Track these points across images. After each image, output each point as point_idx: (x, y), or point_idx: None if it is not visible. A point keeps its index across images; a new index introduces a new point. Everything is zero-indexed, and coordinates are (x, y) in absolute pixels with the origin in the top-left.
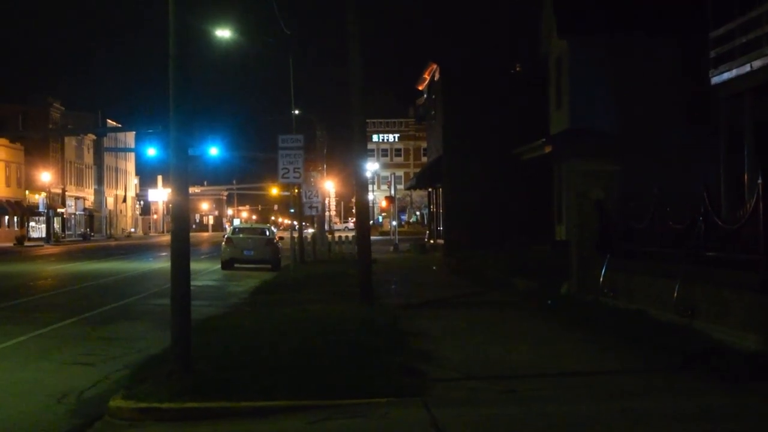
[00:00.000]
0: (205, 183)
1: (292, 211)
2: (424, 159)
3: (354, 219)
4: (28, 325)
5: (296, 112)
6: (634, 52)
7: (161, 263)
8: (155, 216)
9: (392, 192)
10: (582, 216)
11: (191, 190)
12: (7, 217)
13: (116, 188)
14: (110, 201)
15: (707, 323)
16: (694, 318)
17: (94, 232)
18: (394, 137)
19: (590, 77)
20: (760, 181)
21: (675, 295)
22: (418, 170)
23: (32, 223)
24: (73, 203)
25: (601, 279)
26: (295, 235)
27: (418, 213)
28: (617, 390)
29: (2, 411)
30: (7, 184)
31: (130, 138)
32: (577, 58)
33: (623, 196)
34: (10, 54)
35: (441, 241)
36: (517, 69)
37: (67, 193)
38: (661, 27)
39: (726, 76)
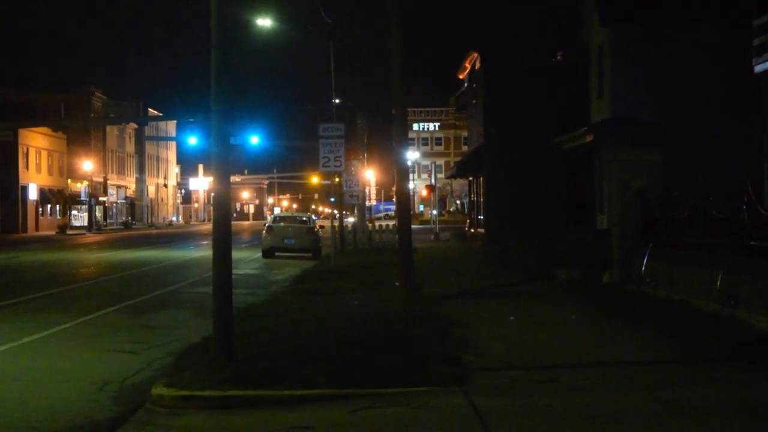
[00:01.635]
0: (246, 172)
1: (333, 199)
2: (465, 148)
3: (394, 207)
4: (71, 312)
5: (337, 100)
6: (676, 41)
7: (202, 252)
8: (196, 205)
9: (433, 181)
10: (624, 205)
11: (232, 178)
12: (49, 206)
13: (157, 177)
14: (151, 189)
15: (750, 313)
16: (737, 308)
17: (136, 220)
18: (435, 126)
19: (632, 66)
20: None
21: (718, 284)
22: (458, 159)
23: (74, 212)
24: (114, 192)
25: (643, 268)
26: (336, 223)
27: (458, 202)
28: (659, 380)
29: (46, 398)
30: (50, 173)
31: (171, 127)
32: (618, 47)
33: (665, 186)
34: (53, 44)
35: (481, 230)
36: (559, 57)
37: (108, 181)
38: (704, 15)
39: None
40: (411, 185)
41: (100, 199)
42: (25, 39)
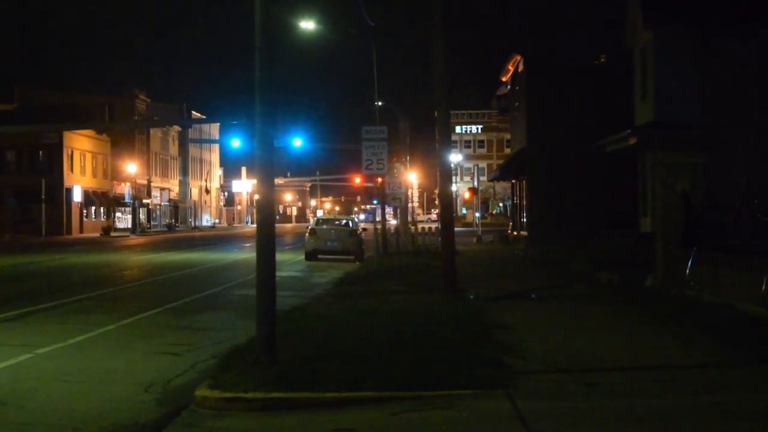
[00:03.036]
0: (289, 174)
1: (375, 202)
2: (508, 150)
3: (437, 210)
4: (115, 314)
5: (379, 103)
6: (721, 43)
7: (245, 254)
8: (239, 207)
9: (475, 183)
10: (667, 208)
11: (275, 181)
12: (93, 208)
13: (200, 179)
14: (194, 192)
15: None
16: None
17: (179, 223)
18: (477, 128)
19: (676, 68)
20: None
21: (763, 288)
22: (501, 162)
23: (118, 214)
24: (158, 194)
25: (687, 272)
26: (378, 226)
27: (501, 204)
28: (704, 384)
29: (91, 399)
30: (94, 175)
31: (214, 129)
32: (662, 49)
33: (709, 189)
34: (98, 47)
35: (524, 233)
36: (602, 60)
37: (152, 184)
38: (748, 17)
39: None
40: (454, 188)
41: (144, 201)
42: (70, 42)
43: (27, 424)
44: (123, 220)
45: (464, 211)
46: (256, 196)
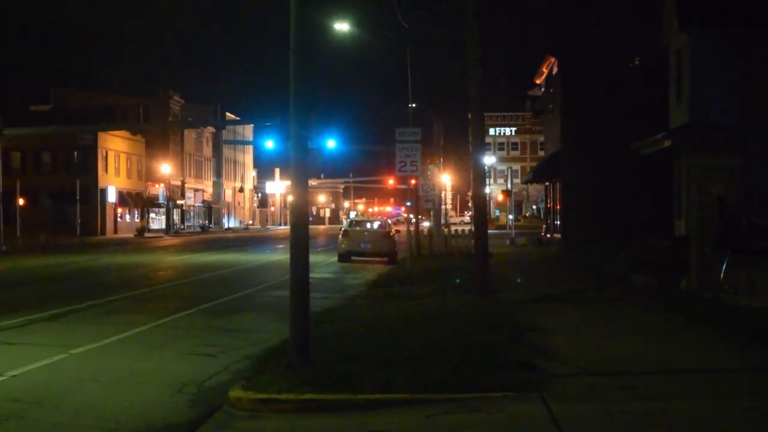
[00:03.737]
0: (322, 176)
1: (409, 204)
2: (541, 153)
3: (470, 213)
4: (149, 314)
5: (413, 105)
6: (757, 44)
7: (278, 255)
8: (272, 208)
9: (509, 186)
10: (702, 211)
11: (309, 183)
12: (128, 209)
13: (234, 180)
14: (228, 193)
15: None
16: None
17: (212, 224)
18: (511, 131)
19: (712, 70)
20: None
21: None
22: (534, 164)
23: (152, 215)
24: (192, 195)
25: (722, 275)
26: (412, 228)
27: (534, 207)
28: (740, 388)
29: (125, 399)
30: (128, 176)
31: (248, 131)
32: (698, 51)
33: (745, 192)
34: (132, 48)
35: (558, 236)
36: (636, 62)
37: (186, 185)
38: None
39: None
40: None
41: (178, 202)
42: (105, 44)
43: (61, 424)
44: (157, 220)
45: (497, 213)
46: (290, 198)
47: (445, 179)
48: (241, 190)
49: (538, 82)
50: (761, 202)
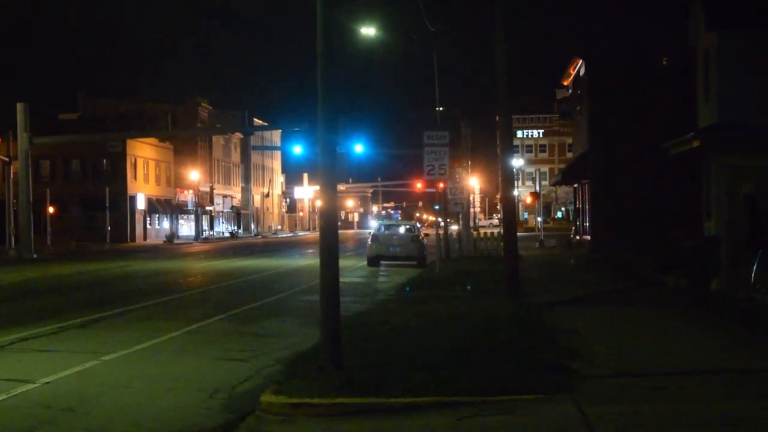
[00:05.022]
0: (350, 180)
1: (437, 207)
2: (569, 155)
3: (498, 215)
4: (179, 320)
5: (441, 108)
6: None
7: (308, 260)
8: (301, 213)
9: (537, 188)
10: (732, 211)
11: (337, 187)
12: (157, 215)
13: (262, 186)
14: (257, 199)
15: None
16: None
17: (241, 229)
18: (539, 133)
19: (740, 70)
20: None
21: None
22: (562, 166)
23: (181, 221)
24: (220, 201)
25: (753, 276)
26: (440, 231)
27: (563, 209)
28: None
29: (157, 405)
30: (157, 183)
31: (276, 136)
32: (726, 51)
33: None
34: (161, 55)
35: (587, 237)
36: (664, 62)
37: (214, 191)
38: None
39: None
40: (515, 192)
41: (207, 208)
42: (133, 52)
43: (93, 430)
44: (186, 227)
45: (526, 215)
46: (318, 203)
47: (474, 182)
48: (267, 195)
49: (565, 83)
50: None
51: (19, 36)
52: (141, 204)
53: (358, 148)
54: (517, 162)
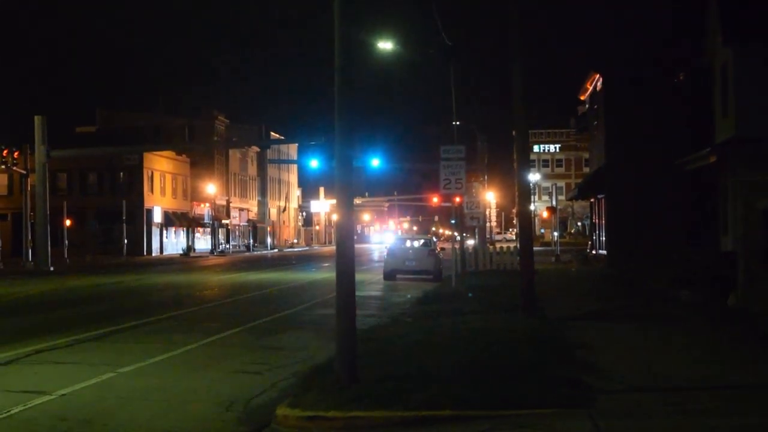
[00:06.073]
0: (367, 194)
1: (454, 222)
2: (586, 169)
3: (514, 229)
4: (195, 333)
5: (457, 122)
6: None
7: (323, 274)
8: (317, 227)
9: (553, 202)
10: (748, 226)
11: (353, 201)
12: (173, 229)
13: (279, 199)
14: (273, 212)
15: None
16: None
17: (258, 242)
18: (555, 147)
19: (758, 85)
20: None
21: None
22: (579, 181)
23: (197, 234)
24: (237, 214)
25: None
26: (457, 246)
27: (579, 224)
28: None
29: (173, 417)
30: (174, 196)
31: (292, 150)
32: (743, 66)
33: None
34: (177, 69)
35: (603, 252)
36: (681, 77)
37: (231, 204)
38: None
39: None
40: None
41: (223, 221)
42: (150, 65)
43: None
44: (202, 240)
45: (542, 230)
46: (335, 216)
47: (490, 196)
48: (284, 209)
49: (582, 98)
50: None
51: (38, 49)
52: (157, 217)
53: (375, 162)
54: (533, 176)
